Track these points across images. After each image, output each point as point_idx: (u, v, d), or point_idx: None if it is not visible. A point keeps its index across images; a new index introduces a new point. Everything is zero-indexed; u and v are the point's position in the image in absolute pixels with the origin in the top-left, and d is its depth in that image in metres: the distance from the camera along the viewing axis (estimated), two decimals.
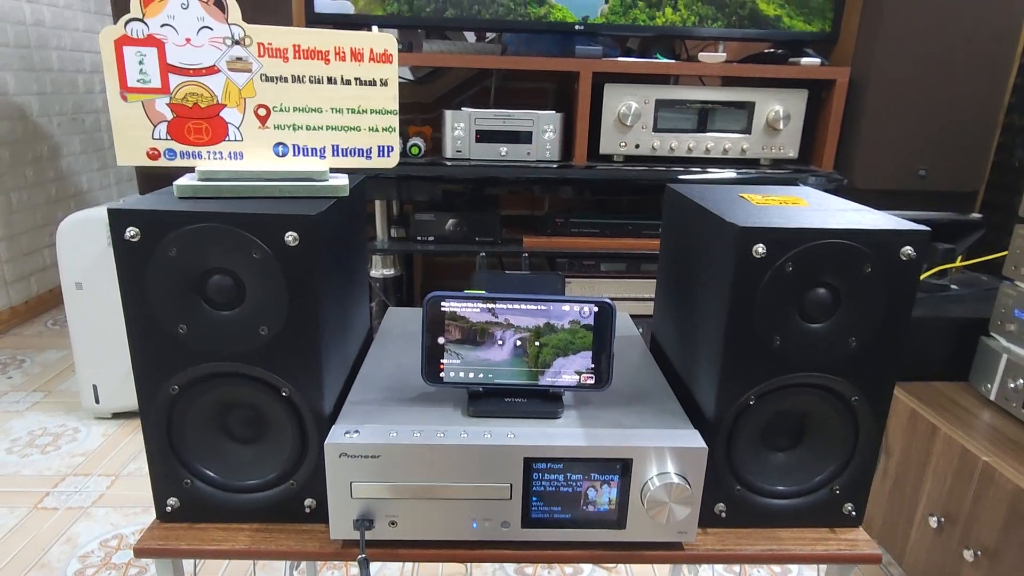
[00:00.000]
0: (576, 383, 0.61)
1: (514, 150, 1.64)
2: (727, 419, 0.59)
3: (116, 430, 1.88)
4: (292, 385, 0.57)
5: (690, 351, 0.66)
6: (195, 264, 0.54)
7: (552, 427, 0.59)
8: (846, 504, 0.62)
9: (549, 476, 0.57)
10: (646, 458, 0.56)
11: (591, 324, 0.60)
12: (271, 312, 0.55)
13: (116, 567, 1.37)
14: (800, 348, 0.57)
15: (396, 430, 0.57)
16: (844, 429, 0.60)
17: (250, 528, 0.61)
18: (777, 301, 0.55)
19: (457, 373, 0.61)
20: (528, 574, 1.38)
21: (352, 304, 0.70)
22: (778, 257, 0.54)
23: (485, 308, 0.60)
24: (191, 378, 0.57)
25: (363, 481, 0.56)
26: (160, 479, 0.59)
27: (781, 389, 0.58)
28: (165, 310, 0.54)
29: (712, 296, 0.59)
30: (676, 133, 1.65)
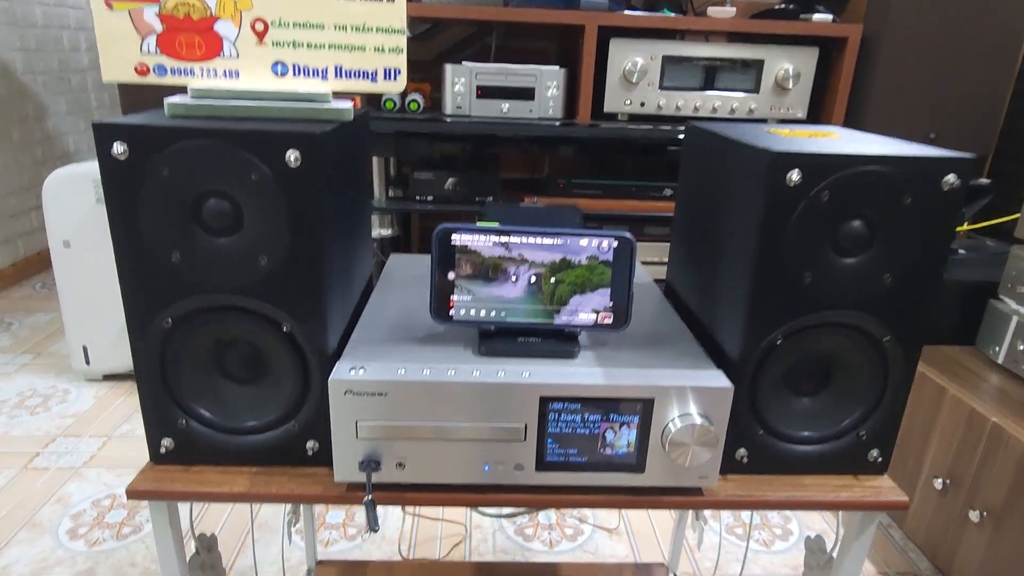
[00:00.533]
0: (593, 322, 0.58)
1: (516, 107, 1.59)
2: (752, 360, 0.56)
3: (108, 391, 1.85)
4: (294, 320, 0.54)
5: (712, 293, 0.63)
6: (189, 186, 0.50)
7: (569, 366, 0.56)
8: (872, 450, 0.60)
9: (566, 417, 0.54)
10: (668, 398, 0.53)
11: (610, 260, 0.57)
12: (271, 240, 0.51)
13: (110, 526, 1.35)
14: (832, 285, 0.54)
15: (404, 367, 0.53)
16: (873, 372, 0.57)
17: (249, 471, 0.58)
18: (810, 234, 0.52)
19: (468, 311, 0.57)
20: (529, 534, 1.37)
21: (356, 239, 0.67)
22: (813, 185, 0.50)
23: (498, 242, 0.56)
24: (185, 311, 0.53)
25: (369, 420, 0.53)
26: (153, 418, 0.56)
27: (810, 328, 0.55)
28: (157, 236, 0.51)
29: (740, 231, 0.56)
30: (683, 91, 1.60)
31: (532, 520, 1.41)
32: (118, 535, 1.32)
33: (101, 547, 1.29)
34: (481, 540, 1.35)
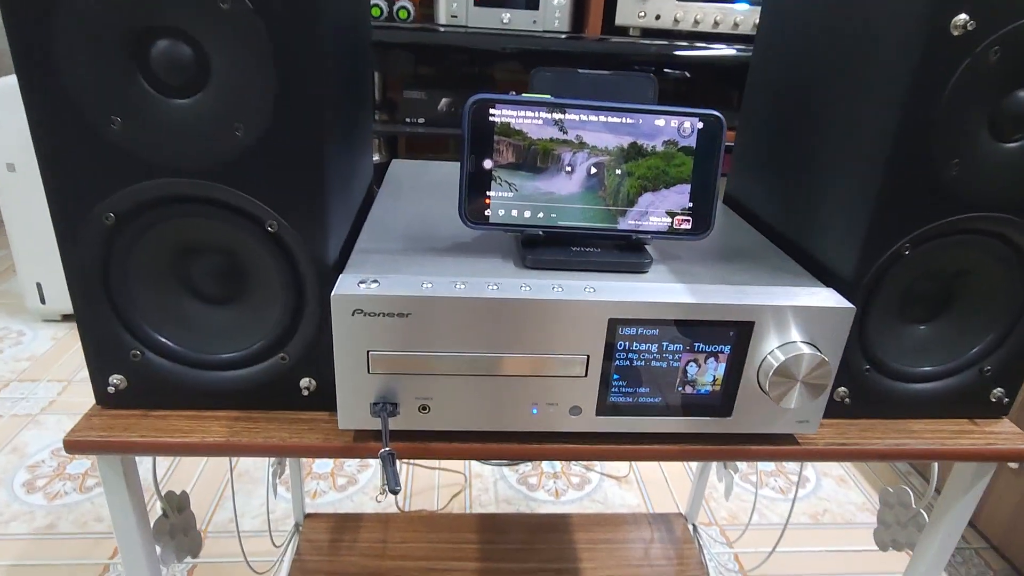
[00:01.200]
0: (668, 227, 0.45)
1: (518, 17, 1.42)
2: (870, 276, 0.44)
3: (67, 333, 1.70)
4: (282, 216, 0.40)
5: (807, 199, 0.50)
6: (130, 19, 0.35)
7: (640, 282, 0.43)
8: (995, 389, 0.49)
9: (639, 345, 0.42)
10: (771, 322, 0.41)
11: (692, 146, 0.44)
12: (250, 101, 0.37)
13: (72, 477, 1.22)
14: (983, 178, 0.42)
15: (431, 281, 0.41)
16: (1010, 292, 0.46)
17: (227, 416, 0.45)
18: (968, 107, 0.39)
19: (508, 211, 0.44)
20: (533, 483, 1.28)
21: (358, 132, 0.53)
22: (985, 36, 0.38)
23: (550, 119, 0.43)
24: (133, 203, 0.39)
25: (385, 350, 0.40)
26: (96, 349, 0.43)
27: (948, 236, 0.43)
28: (86, 93, 0.36)
29: (869, 107, 0.43)
30: (702, 3, 1.45)
31: (536, 468, 1.32)
32: (81, 487, 1.20)
33: (63, 500, 1.17)
34: (482, 490, 1.26)
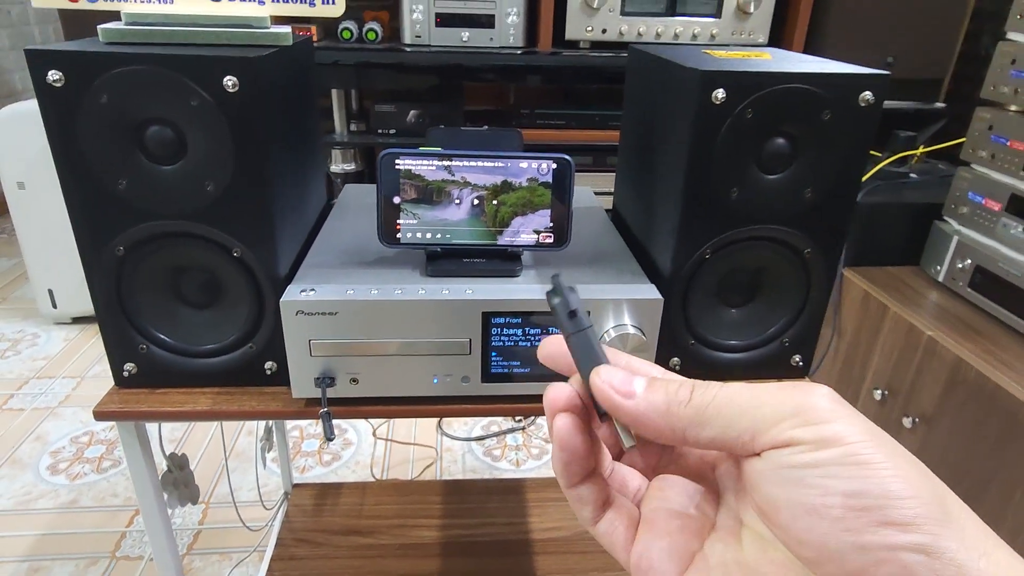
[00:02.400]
0: (535, 242, 0.61)
1: (476, 35, 1.56)
2: (683, 274, 0.59)
3: (78, 334, 1.86)
4: (244, 245, 0.55)
5: (649, 212, 0.66)
6: (129, 113, 0.50)
7: (510, 284, 0.59)
8: (794, 356, 0.64)
9: (508, 331, 0.57)
10: (603, 311, 0.57)
11: (549, 181, 0.59)
12: (216, 166, 0.53)
13: (89, 460, 1.39)
14: (757, 200, 0.57)
15: (353, 288, 0.56)
16: (796, 282, 0.61)
17: (211, 391, 0.61)
18: (736, 151, 0.55)
19: (414, 233, 0.60)
20: (496, 455, 1.43)
21: (306, 167, 0.68)
22: (738, 103, 0.53)
23: (441, 165, 0.58)
24: (136, 239, 0.55)
25: (322, 339, 0.56)
26: (114, 344, 0.59)
27: (736, 243, 0.59)
28: (101, 164, 0.52)
29: (672, 149, 0.58)
30: (644, 17, 1.59)
31: (500, 442, 1.48)
32: (98, 469, 1.36)
33: (83, 480, 1.33)
34: (451, 462, 1.42)
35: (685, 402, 0.23)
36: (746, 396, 0.23)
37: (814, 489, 0.20)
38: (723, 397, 0.23)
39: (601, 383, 0.25)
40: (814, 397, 0.22)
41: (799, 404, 0.22)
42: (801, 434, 0.21)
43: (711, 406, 0.23)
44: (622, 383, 0.25)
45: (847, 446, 0.20)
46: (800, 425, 0.21)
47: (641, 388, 0.24)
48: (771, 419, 0.22)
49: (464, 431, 1.50)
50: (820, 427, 0.21)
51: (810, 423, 0.21)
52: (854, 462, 0.20)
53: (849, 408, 0.22)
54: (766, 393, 0.22)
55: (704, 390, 0.23)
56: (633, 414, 0.24)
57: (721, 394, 0.23)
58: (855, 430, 0.21)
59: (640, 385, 0.24)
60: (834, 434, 0.21)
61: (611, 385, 0.25)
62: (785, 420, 0.21)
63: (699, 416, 0.23)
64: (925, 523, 0.19)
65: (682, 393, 0.24)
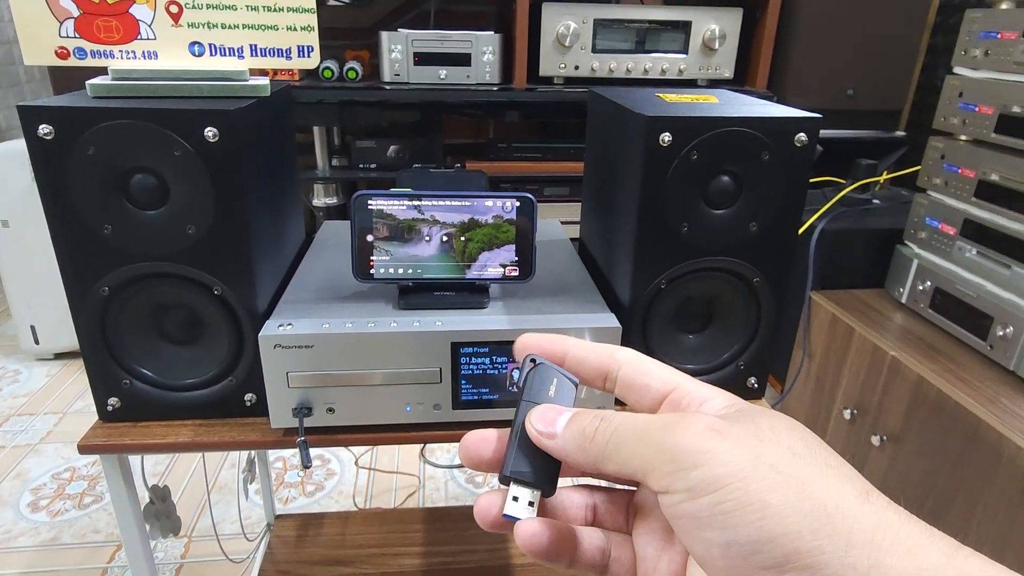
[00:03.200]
0: (501, 275, 0.64)
1: (453, 73, 1.62)
2: (641, 303, 0.63)
3: (60, 370, 1.86)
4: (224, 283, 0.58)
5: (610, 245, 0.70)
6: (115, 163, 0.54)
7: (478, 315, 0.62)
8: (750, 378, 0.68)
9: (476, 360, 0.60)
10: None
11: (514, 218, 0.63)
12: (198, 210, 0.56)
13: (71, 497, 1.38)
14: (706, 234, 0.61)
15: (328, 322, 0.59)
16: (747, 309, 0.65)
17: (193, 424, 0.63)
18: (684, 189, 0.59)
19: (387, 269, 0.63)
20: (479, 482, 1.45)
21: (283, 208, 0.71)
22: (683, 145, 0.57)
23: (411, 205, 0.62)
24: (120, 280, 0.58)
25: (299, 371, 0.59)
26: (98, 380, 0.61)
27: (690, 273, 0.63)
28: (88, 211, 0.55)
29: (627, 188, 0.62)
30: (615, 54, 1.65)
31: None
32: (80, 505, 1.36)
33: (63, 517, 1.33)
34: (434, 489, 1.43)
35: (590, 438, 0.24)
36: (639, 432, 0.23)
37: (697, 543, 0.21)
38: (619, 434, 0.24)
39: (530, 427, 0.26)
40: (684, 438, 0.22)
41: (671, 447, 0.22)
42: (674, 483, 0.21)
43: (610, 442, 0.24)
44: (546, 424, 0.26)
45: (714, 493, 0.21)
46: (673, 472, 0.22)
47: (562, 426, 0.26)
48: (653, 461, 0.22)
49: (447, 459, 1.52)
50: (689, 474, 0.21)
51: (681, 469, 0.21)
52: (722, 511, 0.20)
53: (727, 440, 0.21)
54: (654, 430, 0.23)
55: (607, 425, 0.24)
56: (556, 451, 0.26)
57: (619, 429, 0.24)
58: (724, 471, 0.21)
59: (562, 423, 0.26)
60: (701, 481, 0.21)
61: (535, 428, 0.26)
62: (662, 465, 0.22)
63: (602, 452, 0.24)
64: (798, 557, 0.19)
65: (588, 429, 0.25)
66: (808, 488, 0.20)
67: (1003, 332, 1.13)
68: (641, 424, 0.23)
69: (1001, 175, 1.15)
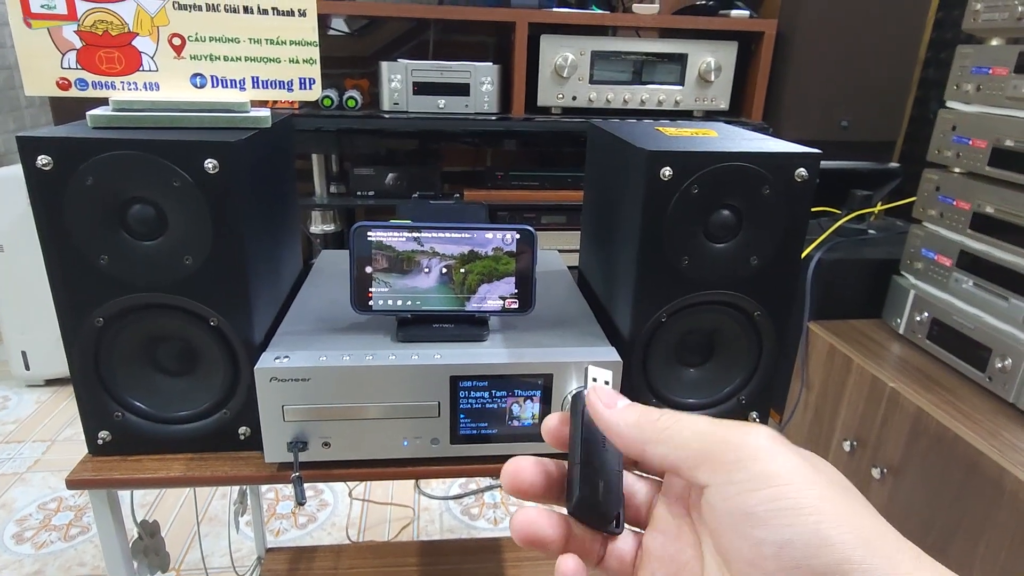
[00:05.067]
0: (500, 308, 0.64)
1: (452, 102, 1.63)
2: (642, 336, 0.63)
3: (50, 397, 1.83)
4: (220, 315, 0.58)
5: (610, 278, 0.69)
6: (114, 194, 0.53)
7: (477, 348, 0.61)
8: (751, 413, 0.67)
9: (475, 394, 0.60)
10: (565, 373, 0.59)
11: (514, 251, 0.63)
12: (195, 241, 0.55)
13: (57, 528, 1.35)
14: (707, 267, 0.61)
15: (326, 354, 0.58)
16: (748, 343, 0.65)
17: (184, 457, 0.62)
18: (684, 222, 0.59)
19: (386, 301, 0.63)
20: (475, 514, 1.43)
21: (282, 238, 0.71)
22: (684, 180, 0.57)
23: (411, 237, 0.62)
24: (115, 310, 0.57)
25: (294, 404, 0.58)
26: (89, 413, 0.60)
27: (691, 307, 0.62)
28: (84, 240, 0.54)
29: (627, 221, 0.62)
30: (612, 85, 1.67)
31: (478, 500, 1.47)
32: (66, 536, 1.33)
33: (49, 549, 1.30)
34: (429, 521, 1.41)
35: (654, 420, 0.27)
36: (700, 426, 0.25)
37: (746, 542, 0.22)
38: (683, 422, 0.26)
39: (591, 394, 0.29)
40: (751, 436, 0.24)
41: (738, 441, 0.24)
42: (734, 473, 0.23)
43: (671, 428, 0.26)
44: (608, 398, 0.28)
45: (773, 488, 0.22)
46: (735, 461, 0.23)
47: (622, 404, 0.28)
48: (713, 452, 0.24)
49: (442, 490, 1.49)
50: (751, 466, 0.23)
51: (743, 459, 0.23)
52: (779, 507, 0.22)
53: (785, 447, 0.23)
54: (718, 426, 0.25)
55: (671, 415, 0.27)
56: (607, 422, 0.28)
57: (683, 420, 0.26)
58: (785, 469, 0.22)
59: (622, 402, 0.28)
60: (762, 473, 0.22)
61: (598, 397, 0.28)
62: (724, 454, 0.24)
63: (659, 435, 0.26)
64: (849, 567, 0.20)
65: (654, 414, 0.27)
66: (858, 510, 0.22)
67: (1002, 364, 1.13)
68: (704, 421, 0.25)
69: (996, 208, 1.16)
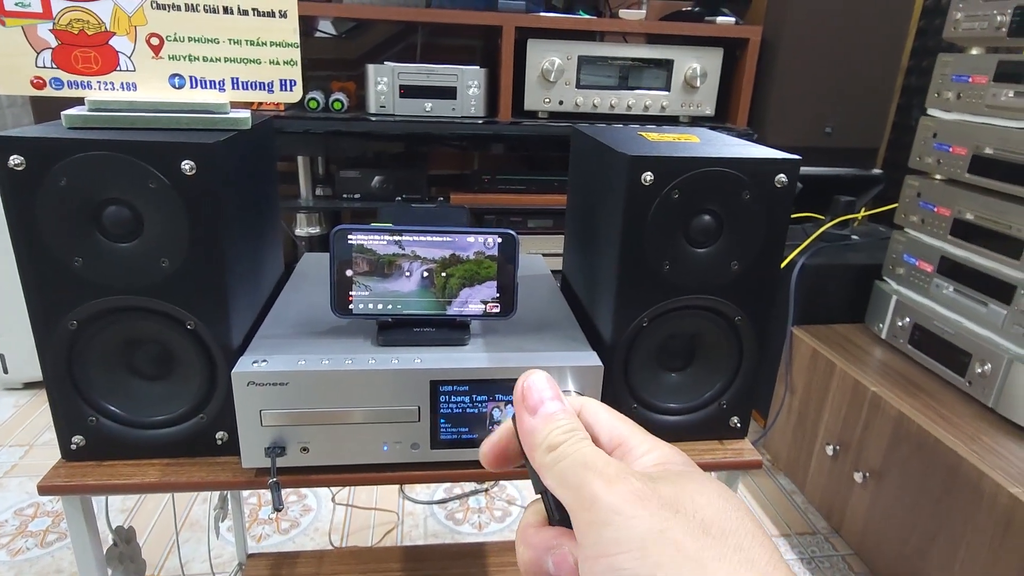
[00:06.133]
0: (482, 312, 0.64)
1: (439, 106, 1.63)
2: (623, 341, 0.62)
3: (29, 400, 1.80)
4: (197, 318, 0.57)
5: (592, 282, 0.69)
6: (88, 195, 0.53)
7: (458, 352, 0.61)
8: (732, 417, 0.67)
9: (456, 398, 0.59)
10: None
11: (495, 255, 0.63)
12: (172, 244, 0.55)
13: (34, 534, 1.33)
14: (688, 272, 0.61)
15: (304, 358, 0.58)
16: (729, 348, 0.65)
17: (160, 463, 0.61)
18: (665, 227, 0.59)
19: (366, 304, 0.62)
20: (459, 518, 1.42)
21: (262, 241, 0.70)
22: (665, 185, 0.57)
23: (392, 240, 0.61)
24: (90, 313, 0.56)
25: (272, 409, 0.57)
26: (62, 417, 0.59)
27: (672, 311, 0.62)
28: (58, 242, 0.53)
29: (609, 226, 0.62)
30: (599, 90, 1.68)
31: (463, 505, 1.46)
32: (42, 543, 1.31)
33: (25, 556, 1.28)
34: (413, 526, 1.40)
35: (553, 447, 0.25)
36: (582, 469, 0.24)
37: None
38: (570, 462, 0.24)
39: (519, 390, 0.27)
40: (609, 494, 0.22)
41: (593, 498, 0.23)
42: (588, 534, 0.22)
43: (560, 464, 0.25)
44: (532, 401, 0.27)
45: (614, 557, 0.21)
46: (589, 522, 0.22)
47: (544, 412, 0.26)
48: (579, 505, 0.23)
49: (426, 494, 1.48)
50: (601, 531, 0.22)
51: (596, 523, 0.22)
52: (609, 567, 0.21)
53: (642, 504, 0.22)
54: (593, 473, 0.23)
55: (569, 447, 0.25)
56: (520, 432, 0.27)
57: (574, 457, 0.25)
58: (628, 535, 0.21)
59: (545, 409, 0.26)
60: (608, 540, 0.22)
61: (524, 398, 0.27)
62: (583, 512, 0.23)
63: (547, 466, 0.25)
64: None
65: (555, 438, 0.25)
66: (706, 568, 0.20)
67: (981, 369, 1.14)
68: (590, 461, 0.24)
69: (976, 214, 1.18)
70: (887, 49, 1.74)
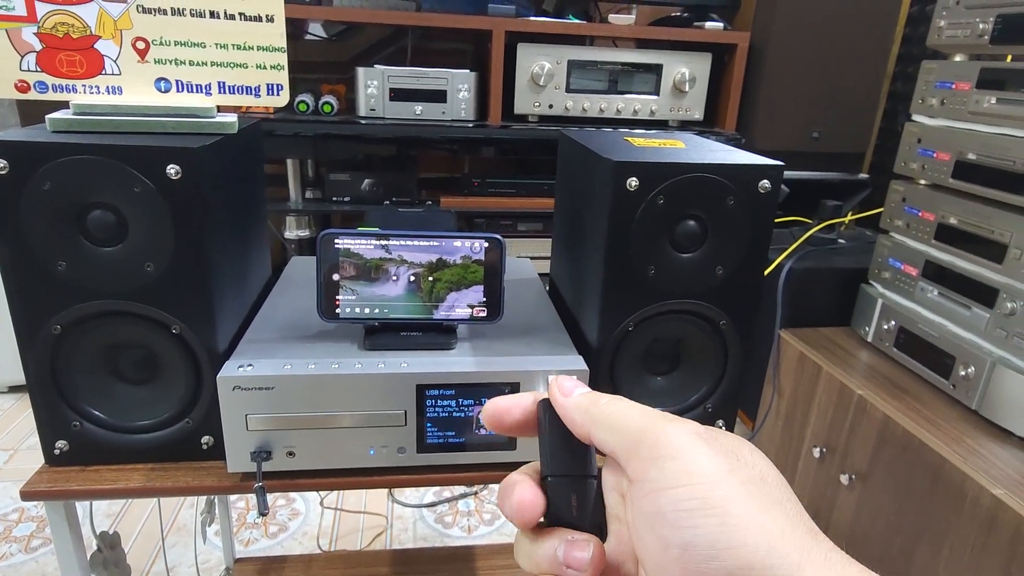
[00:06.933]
0: (469, 316, 0.64)
1: (429, 109, 1.63)
2: (609, 345, 0.63)
3: (13, 404, 1.79)
4: (182, 322, 0.57)
5: (578, 287, 0.70)
6: (72, 199, 0.52)
7: (445, 356, 0.61)
8: (718, 420, 0.68)
9: (442, 402, 0.59)
10: (532, 381, 0.60)
11: (482, 259, 0.63)
12: (157, 248, 0.55)
13: (18, 539, 1.32)
14: (673, 277, 0.61)
15: (291, 363, 0.58)
16: (714, 352, 0.65)
17: (145, 468, 0.61)
18: (650, 233, 0.59)
19: (353, 309, 0.62)
20: (448, 522, 1.42)
21: (249, 245, 0.70)
22: (649, 190, 0.58)
23: (379, 244, 0.61)
24: (74, 318, 0.56)
25: (258, 413, 0.57)
26: (46, 422, 0.58)
27: (657, 316, 0.63)
28: (41, 246, 0.53)
29: (595, 231, 0.63)
30: (588, 94, 1.69)
31: (452, 508, 1.46)
32: (27, 548, 1.30)
33: (9, 561, 1.26)
34: (402, 530, 1.40)
35: (601, 404, 0.27)
36: (632, 415, 0.26)
37: (655, 543, 0.22)
38: (619, 410, 0.26)
39: (552, 385, 0.29)
40: (670, 430, 0.24)
41: (655, 437, 0.24)
42: (649, 469, 0.23)
43: (611, 414, 0.26)
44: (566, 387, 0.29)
45: (682, 488, 0.22)
46: (651, 457, 0.24)
47: (579, 392, 0.28)
48: (637, 444, 0.24)
49: (415, 498, 1.48)
50: (665, 464, 0.23)
51: (659, 457, 0.23)
52: (686, 508, 0.22)
53: (704, 442, 0.23)
54: (645, 417, 0.25)
55: (614, 399, 0.27)
56: (562, 410, 0.28)
57: (621, 406, 0.27)
58: (697, 468, 0.22)
59: (580, 391, 0.29)
60: (673, 473, 0.23)
61: (558, 386, 0.29)
62: (643, 449, 0.24)
63: (597, 420, 0.27)
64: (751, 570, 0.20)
65: (602, 398, 0.28)
66: (769, 511, 0.22)
67: (965, 372, 1.15)
68: (639, 410, 0.26)
69: (959, 219, 1.19)
70: (873, 55, 1.76)
